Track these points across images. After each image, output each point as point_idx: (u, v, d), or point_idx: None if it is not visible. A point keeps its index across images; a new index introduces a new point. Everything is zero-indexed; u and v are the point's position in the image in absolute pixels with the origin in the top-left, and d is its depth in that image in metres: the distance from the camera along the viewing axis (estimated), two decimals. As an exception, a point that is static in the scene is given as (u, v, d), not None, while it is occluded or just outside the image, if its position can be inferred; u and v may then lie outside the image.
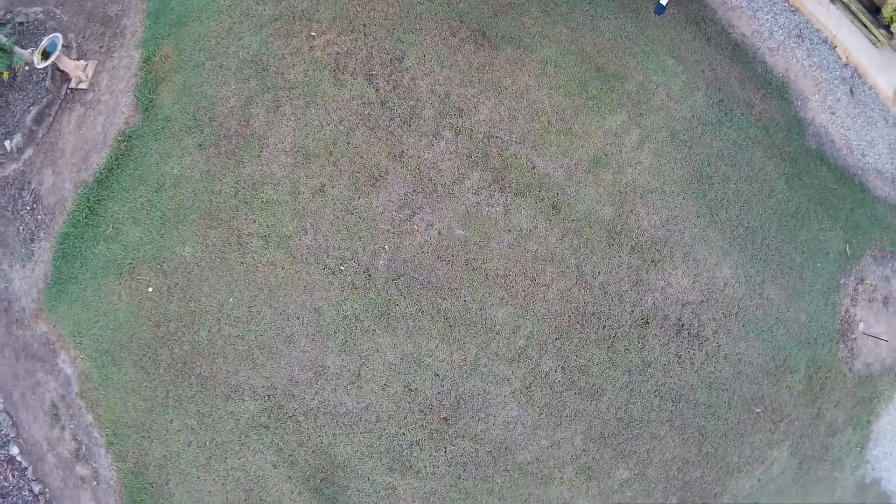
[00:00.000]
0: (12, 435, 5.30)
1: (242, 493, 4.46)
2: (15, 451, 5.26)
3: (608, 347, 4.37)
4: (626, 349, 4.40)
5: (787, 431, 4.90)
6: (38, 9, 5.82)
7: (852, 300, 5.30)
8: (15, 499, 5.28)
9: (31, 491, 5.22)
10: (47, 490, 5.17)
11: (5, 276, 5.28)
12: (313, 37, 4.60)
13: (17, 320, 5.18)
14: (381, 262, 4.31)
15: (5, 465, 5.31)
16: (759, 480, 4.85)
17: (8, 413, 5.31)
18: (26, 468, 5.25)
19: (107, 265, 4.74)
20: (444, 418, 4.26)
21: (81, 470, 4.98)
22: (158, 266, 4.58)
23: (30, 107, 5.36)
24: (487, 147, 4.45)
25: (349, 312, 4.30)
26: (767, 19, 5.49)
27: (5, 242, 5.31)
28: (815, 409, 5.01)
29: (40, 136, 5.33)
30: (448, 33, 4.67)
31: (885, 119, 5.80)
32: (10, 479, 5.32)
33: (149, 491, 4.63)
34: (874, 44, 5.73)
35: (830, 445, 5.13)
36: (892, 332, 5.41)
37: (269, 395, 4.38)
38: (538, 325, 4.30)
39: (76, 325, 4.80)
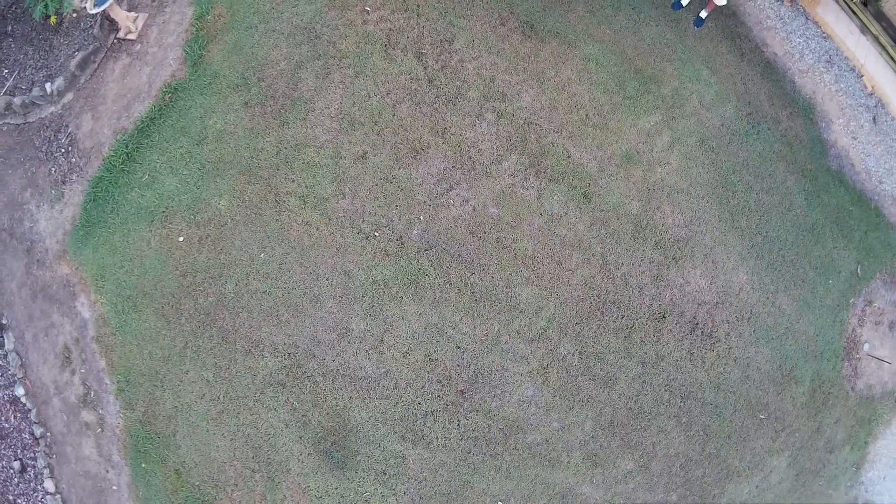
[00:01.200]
0: (19, 375, 5.46)
1: (250, 450, 4.65)
2: (20, 391, 5.41)
3: (625, 337, 4.66)
4: (642, 341, 4.69)
5: (788, 442, 5.20)
6: (91, -42, 6.11)
7: (859, 320, 5.65)
8: (14, 441, 5.42)
9: (32, 434, 5.37)
10: (48, 434, 5.32)
11: (31, 217, 5.49)
12: (367, 11, 4.94)
13: (38, 261, 5.38)
14: (415, 232, 4.60)
15: (8, 405, 5.46)
16: (756, 487, 5.12)
17: (18, 353, 5.48)
18: (30, 410, 5.41)
19: (139, 211, 4.97)
20: (460, 391, 4.51)
21: (87, 416, 5.14)
22: (192, 216, 4.83)
23: (75, 52, 5.63)
24: (526, 132, 4.79)
25: (378, 278, 4.56)
26: (799, 42, 5.92)
27: (35, 183, 5.53)
28: (815, 423, 5.32)
29: (83, 81, 5.59)
30: (497, 22, 5.04)
31: (904, 150, 6.23)
32: (12, 420, 5.46)
33: (154, 441, 4.80)
34: (899, 77, 6.16)
35: (828, 461, 5.43)
36: (896, 357, 5.76)
37: (289, 353, 4.60)
38: (560, 308, 4.59)
39: (100, 269, 5.01)
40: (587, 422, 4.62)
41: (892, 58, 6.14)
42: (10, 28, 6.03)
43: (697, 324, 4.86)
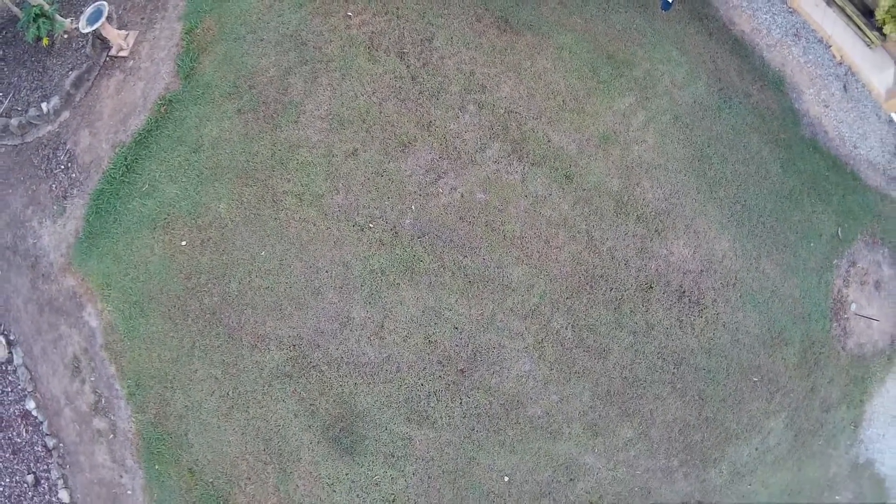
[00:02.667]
0: (30, 389, 5.85)
1: (262, 442, 5.04)
2: (31, 405, 5.80)
3: (615, 309, 5.10)
4: (632, 311, 5.13)
5: (783, 403, 5.62)
6: (79, -19, 6.60)
7: (844, 281, 6.11)
8: (26, 454, 5.79)
9: (45, 446, 5.74)
10: (61, 444, 5.69)
11: (35, 233, 5.92)
12: (350, 16, 5.45)
13: (43, 275, 5.80)
14: (408, 221, 5.06)
15: (19, 420, 5.84)
16: (756, 449, 5.53)
17: (27, 367, 5.87)
18: (41, 422, 5.79)
19: (141, 220, 5.42)
20: (460, 370, 4.93)
21: (98, 423, 5.53)
22: (193, 221, 5.27)
23: (68, 72, 6.11)
24: (507, 121, 5.28)
25: (376, 267, 5.01)
26: (766, 18, 6.45)
27: (37, 200, 5.97)
28: (809, 383, 5.75)
29: (78, 99, 6.06)
30: (474, 18, 5.56)
31: (877, 115, 6.75)
32: (24, 434, 5.84)
33: (167, 442, 5.18)
34: (868, 45, 6.71)
35: (825, 421, 5.85)
36: (884, 316, 6.22)
37: (294, 345, 5.02)
38: (551, 284, 5.04)
39: (105, 278, 5.43)
40: (585, 393, 5.04)
41: (859, 27, 6.66)
42: (1, 52, 6.51)
43: (684, 292, 5.31)
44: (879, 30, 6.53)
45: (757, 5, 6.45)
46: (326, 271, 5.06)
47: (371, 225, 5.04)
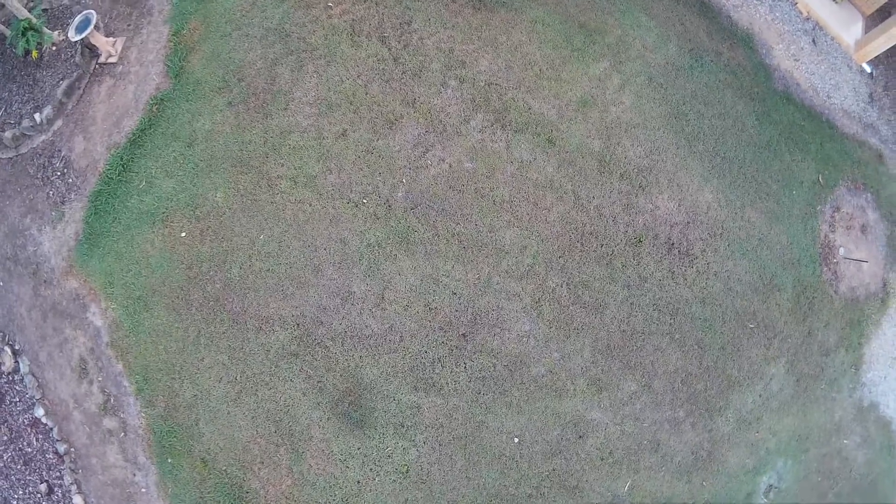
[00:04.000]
0: (38, 396, 6.10)
1: (272, 424, 5.30)
2: (40, 412, 6.04)
3: (607, 264, 5.45)
4: (623, 265, 5.48)
5: (782, 348, 5.95)
6: (63, -5, 7.04)
7: (830, 226, 6.50)
8: (38, 463, 6.01)
9: (56, 452, 5.97)
10: (73, 449, 5.92)
11: (34, 240, 6.23)
12: (330, 7, 5.89)
13: (45, 281, 6.10)
14: (400, 195, 5.42)
15: (29, 429, 6.07)
16: (759, 396, 5.84)
17: (34, 375, 6.13)
18: (51, 429, 6.03)
19: (140, 216, 5.74)
20: (462, 335, 5.25)
21: (109, 423, 5.77)
22: (191, 212, 5.60)
23: (59, 81, 6.50)
24: (488, 93, 5.69)
25: (372, 240, 5.35)
26: (730, -19, 6.93)
27: (35, 208, 6.29)
28: (805, 328, 6.09)
29: (70, 107, 6.43)
30: (449, 0, 5.99)
31: (848, 66, 7.23)
32: (34, 443, 6.06)
33: (178, 433, 5.43)
34: (834, 0, 7.18)
35: (825, 365, 6.17)
36: (873, 259, 6.60)
37: (298, 324, 5.32)
38: (542, 244, 5.39)
39: (108, 277, 5.74)
40: (585, 349, 5.35)
41: (822, -17, 7.14)
42: (-9, 71, 6.88)
43: (673, 244, 5.66)
44: (843, -15, 7.03)
45: (720, -31, 6.95)
46: (325, 249, 5.39)
47: (365, 201, 5.39)
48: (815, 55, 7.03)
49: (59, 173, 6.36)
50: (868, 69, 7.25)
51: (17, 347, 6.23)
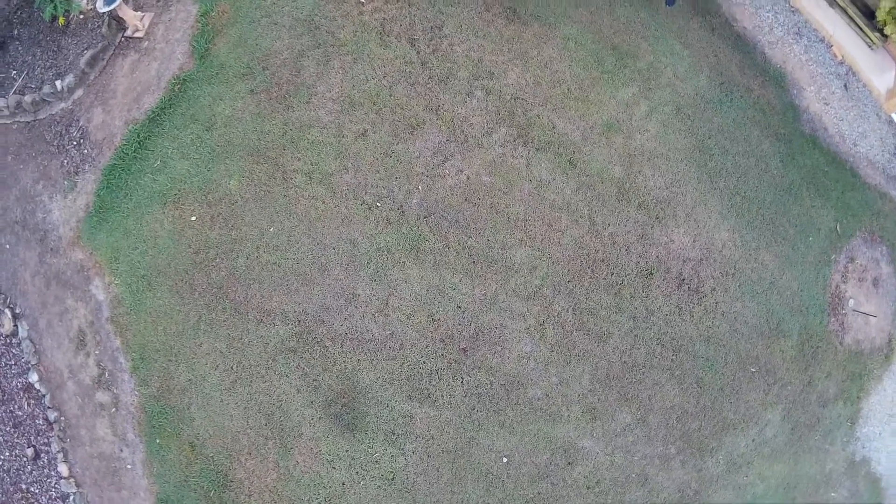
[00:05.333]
0: (33, 362, 6.02)
1: (263, 417, 5.20)
2: (34, 378, 5.96)
3: (615, 293, 5.30)
4: (632, 296, 5.33)
5: (780, 395, 5.80)
6: (96, -36, 6.88)
7: (843, 277, 6.32)
8: (27, 428, 5.93)
9: (46, 419, 5.89)
10: (63, 418, 5.84)
11: (44, 207, 6.13)
12: (362, 3, 5.72)
13: (51, 249, 6.00)
14: (414, 201, 5.28)
15: (21, 393, 6.00)
16: (753, 440, 5.70)
17: (31, 340, 6.05)
18: (43, 395, 5.95)
19: (151, 195, 5.63)
20: (462, 349, 5.11)
21: (101, 397, 5.68)
22: (203, 197, 5.48)
23: (83, 51, 6.36)
24: (514, 107, 5.52)
25: (382, 245, 5.21)
26: (768, 16, 6.74)
27: (48, 175, 6.18)
28: (806, 377, 5.93)
29: (92, 78, 6.30)
30: (483, 8, 5.84)
31: (877, 115, 7.01)
32: (25, 407, 5.99)
33: (169, 415, 5.35)
34: (869, 46, 6.98)
35: (822, 416, 6.02)
36: (882, 314, 6.42)
37: (299, 321, 5.21)
38: (553, 266, 5.24)
39: (114, 252, 5.63)
40: (584, 376, 5.22)
41: (860, 27, 6.95)
42: (16, 32, 6.77)
43: (684, 279, 5.51)
44: (881, 31, 6.82)
45: (759, 3, 6.74)
46: (333, 248, 5.25)
47: (378, 204, 5.26)
48: (845, 100, 6.82)
49: (75, 143, 6.24)
50: (897, 120, 7.05)
51: (17, 311, 6.14)
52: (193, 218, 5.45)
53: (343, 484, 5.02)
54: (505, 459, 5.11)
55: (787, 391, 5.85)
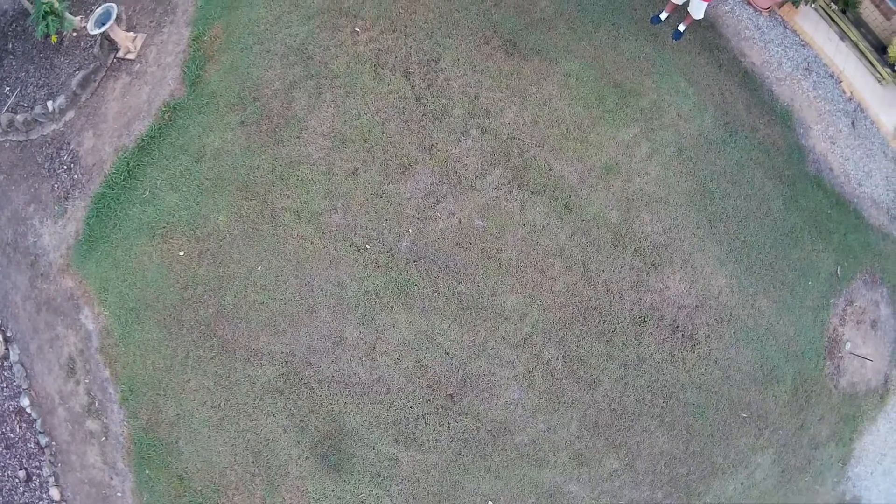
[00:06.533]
0: (25, 386, 5.93)
1: (251, 454, 5.10)
2: (25, 402, 5.88)
3: (607, 341, 5.11)
4: (624, 344, 5.14)
5: (772, 439, 5.64)
6: (89, -21, 6.60)
7: (841, 320, 6.10)
8: (19, 450, 5.88)
9: (38, 443, 5.83)
10: (54, 443, 5.78)
11: (35, 231, 5.97)
12: (357, 32, 5.42)
13: (42, 274, 5.85)
14: (404, 244, 5.07)
15: (14, 416, 5.93)
16: (741, 484, 5.56)
17: (23, 364, 5.95)
18: (35, 420, 5.87)
19: (140, 227, 5.44)
20: (450, 395, 4.96)
21: (92, 425, 5.60)
22: (192, 231, 5.30)
23: (75, 71, 6.12)
24: (510, 147, 5.26)
25: (370, 288, 5.03)
26: (777, 51, 6.39)
27: (39, 198, 6.01)
28: (799, 421, 5.76)
29: (84, 99, 6.08)
30: (482, 41, 5.52)
31: (884, 153, 6.70)
32: (17, 430, 5.93)
33: (158, 448, 5.26)
34: (879, 81, 6.65)
35: (813, 458, 5.87)
36: (879, 356, 6.21)
37: (286, 362, 5.06)
38: (544, 314, 5.05)
39: (103, 282, 5.48)
40: (572, 423, 5.07)
41: (871, 63, 6.61)
42: (11, 46, 6.53)
43: (678, 327, 5.31)
44: (892, 67, 6.49)
45: (769, 37, 6.39)
46: (321, 290, 5.08)
47: (368, 246, 5.06)
48: (852, 139, 6.50)
49: (65, 167, 6.05)
50: (905, 158, 6.74)
51: (8, 334, 6.04)
52: (182, 253, 5.28)
53: (328, 522, 4.94)
54: (490, 503, 5.01)
55: (778, 435, 5.69)
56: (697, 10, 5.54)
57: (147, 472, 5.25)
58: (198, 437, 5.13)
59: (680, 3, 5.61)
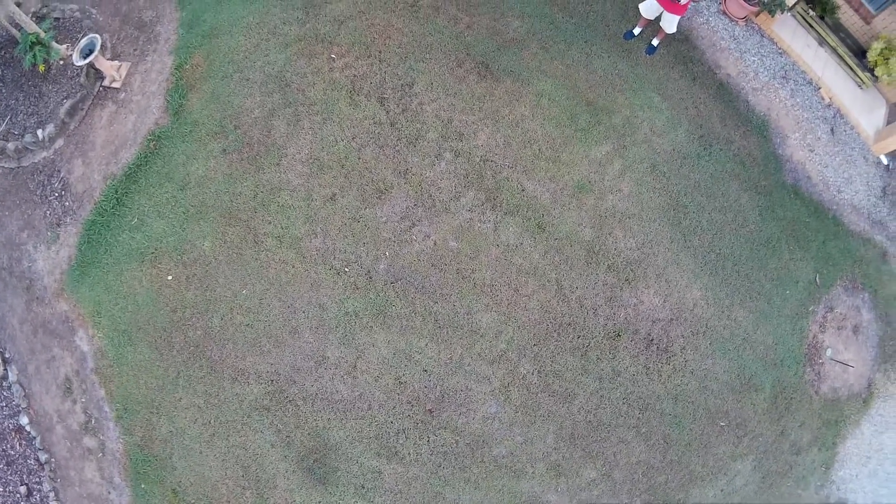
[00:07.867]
0: (23, 406, 6.35)
1: (241, 469, 5.47)
2: (24, 420, 6.30)
3: (581, 356, 5.40)
4: (598, 358, 5.43)
5: (751, 446, 5.90)
6: (75, 6, 6.97)
7: (821, 327, 6.33)
8: (19, 466, 6.30)
9: (38, 460, 6.25)
10: (53, 460, 6.19)
11: (30, 256, 6.36)
12: (333, 59, 5.71)
13: (37, 298, 6.25)
14: (382, 267, 5.38)
15: (13, 434, 6.35)
16: (721, 490, 5.84)
17: (21, 384, 6.36)
18: (34, 437, 6.29)
19: (130, 253, 5.81)
20: (429, 410, 5.29)
21: (89, 442, 6.00)
22: (179, 257, 5.65)
23: (63, 100, 6.48)
24: (483, 169, 5.54)
25: (350, 309, 5.36)
26: (754, 60, 6.58)
27: (32, 224, 6.39)
28: (779, 427, 6.02)
29: (72, 128, 6.44)
30: (455, 64, 5.79)
31: (864, 158, 6.88)
32: (17, 447, 6.35)
33: (153, 463, 5.64)
34: (859, 86, 6.81)
35: (795, 463, 6.12)
36: (861, 360, 6.43)
37: (272, 380, 5.41)
38: (519, 331, 5.34)
39: (96, 306, 5.86)
40: (549, 435, 5.37)
41: (851, 68, 6.78)
42: (1, 74, 6.89)
43: (652, 340, 5.58)
44: (871, 71, 6.64)
45: (745, 47, 6.57)
46: (304, 312, 5.41)
47: (347, 269, 5.37)
48: (831, 145, 6.68)
49: (56, 194, 6.43)
50: (885, 161, 6.89)
51: (7, 356, 6.45)
52: (170, 277, 5.63)
53: (316, 533, 5.29)
54: (471, 513, 5.33)
55: (758, 442, 5.94)
56: (670, 25, 5.74)
57: (143, 486, 5.64)
58: (190, 452, 5.50)
59: (652, 17, 5.81)
